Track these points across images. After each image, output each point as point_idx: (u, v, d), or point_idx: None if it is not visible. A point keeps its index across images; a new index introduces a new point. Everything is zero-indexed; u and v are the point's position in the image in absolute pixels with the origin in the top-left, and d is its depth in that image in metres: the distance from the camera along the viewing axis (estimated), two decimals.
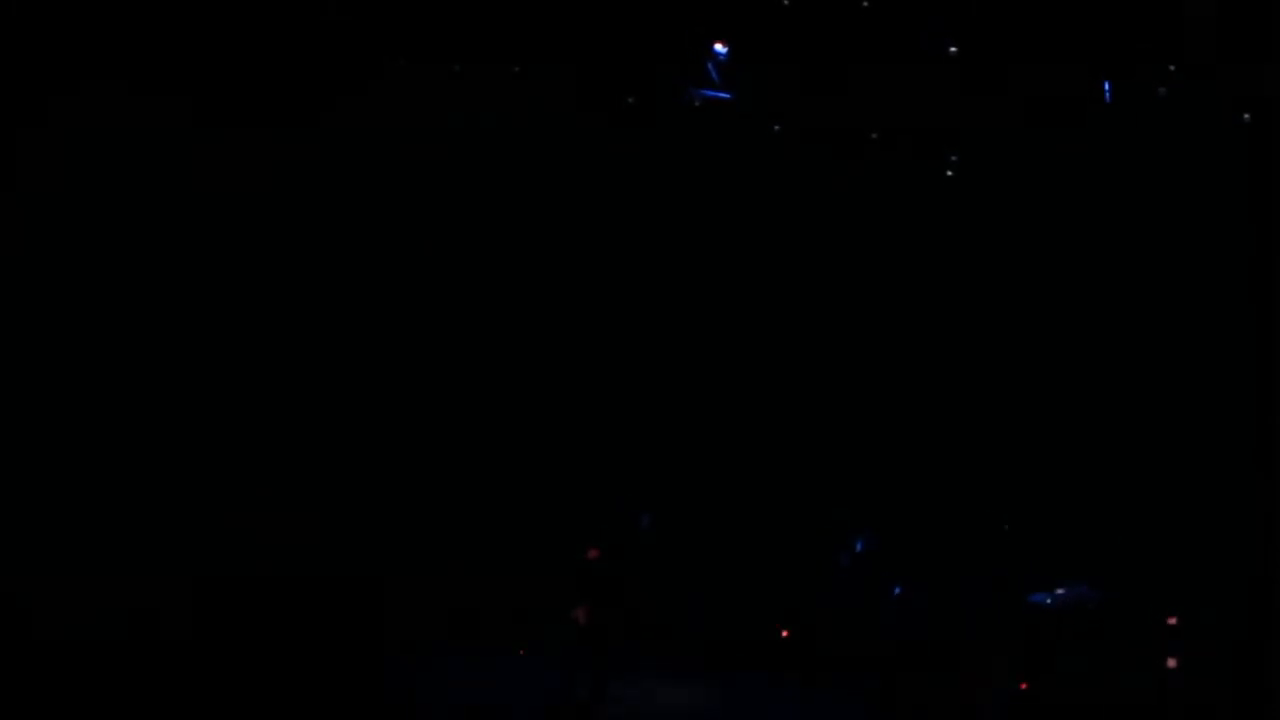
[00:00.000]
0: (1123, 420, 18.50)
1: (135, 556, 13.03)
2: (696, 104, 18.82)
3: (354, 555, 18.32)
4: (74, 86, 17.94)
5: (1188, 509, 17.66)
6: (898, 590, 18.10)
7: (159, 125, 18.39)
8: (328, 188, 19.47)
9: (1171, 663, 16.15)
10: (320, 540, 17.90)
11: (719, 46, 18.64)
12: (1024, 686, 16.18)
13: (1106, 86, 17.63)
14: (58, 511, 14.32)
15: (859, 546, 18.79)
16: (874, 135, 18.66)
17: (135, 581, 13.84)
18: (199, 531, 16.92)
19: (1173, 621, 16.39)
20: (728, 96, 18.88)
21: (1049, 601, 17.00)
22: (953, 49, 17.67)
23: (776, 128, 19.11)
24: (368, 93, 19.09)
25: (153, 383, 18.55)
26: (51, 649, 9.79)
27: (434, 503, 19.49)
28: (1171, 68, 17.26)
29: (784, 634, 18.39)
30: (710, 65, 18.80)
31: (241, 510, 17.82)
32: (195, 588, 14.98)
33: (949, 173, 18.86)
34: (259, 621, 13.54)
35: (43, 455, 16.40)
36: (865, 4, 17.41)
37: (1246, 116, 16.51)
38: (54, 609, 10.73)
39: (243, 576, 15.95)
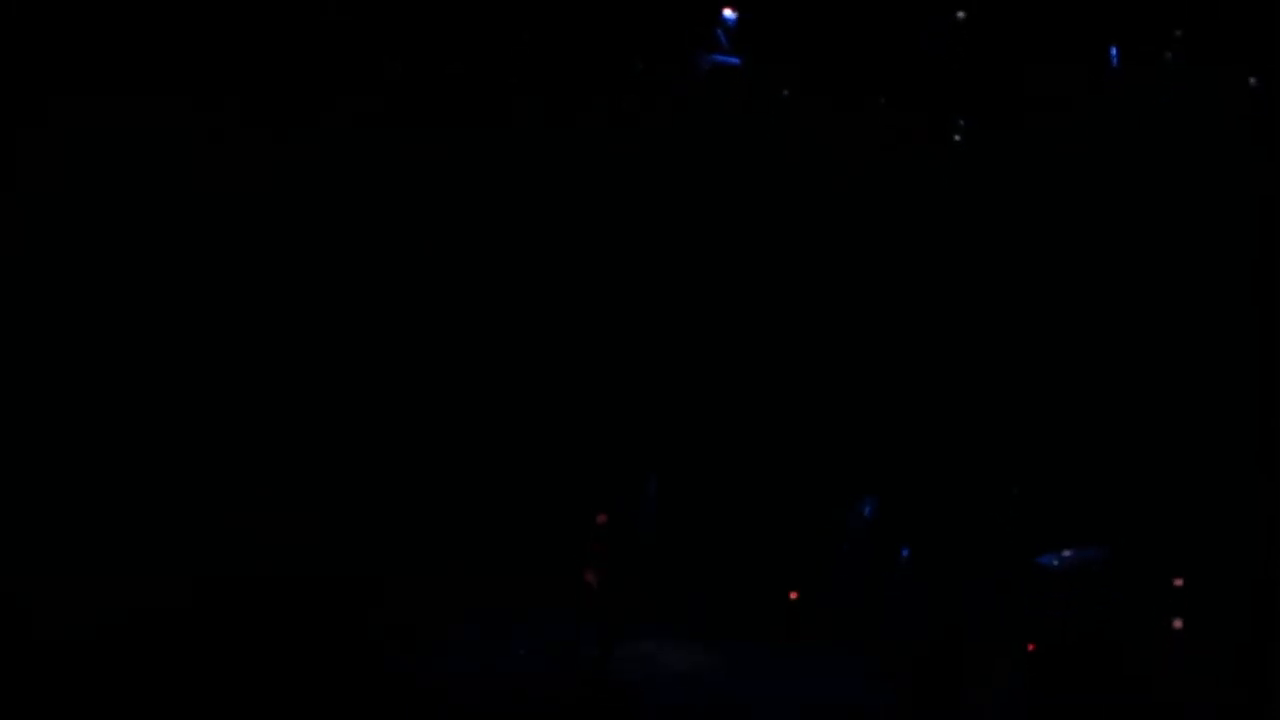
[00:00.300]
0: (1128, 385, 18.54)
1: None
2: (706, 69, 18.83)
3: (366, 527, 18.50)
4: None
5: (1193, 473, 17.72)
6: (905, 552, 18.21)
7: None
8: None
9: (1177, 623, 16.21)
10: (325, 523, 17.94)
11: (728, 12, 18.67)
12: (1031, 648, 16.25)
13: (1113, 52, 17.63)
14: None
15: (867, 511, 18.87)
16: (881, 100, 18.68)
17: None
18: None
19: (1179, 583, 16.45)
20: (737, 62, 18.90)
21: (1056, 564, 17.06)
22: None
23: (785, 93, 19.15)
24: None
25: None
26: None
27: (446, 472, 19.62)
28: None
29: (793, 595, 18.45)
30: (719, 31, 18.83)
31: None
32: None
33: (956, 137, 18.86)
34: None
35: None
36: None
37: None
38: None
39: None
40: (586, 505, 16.75)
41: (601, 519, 16.69)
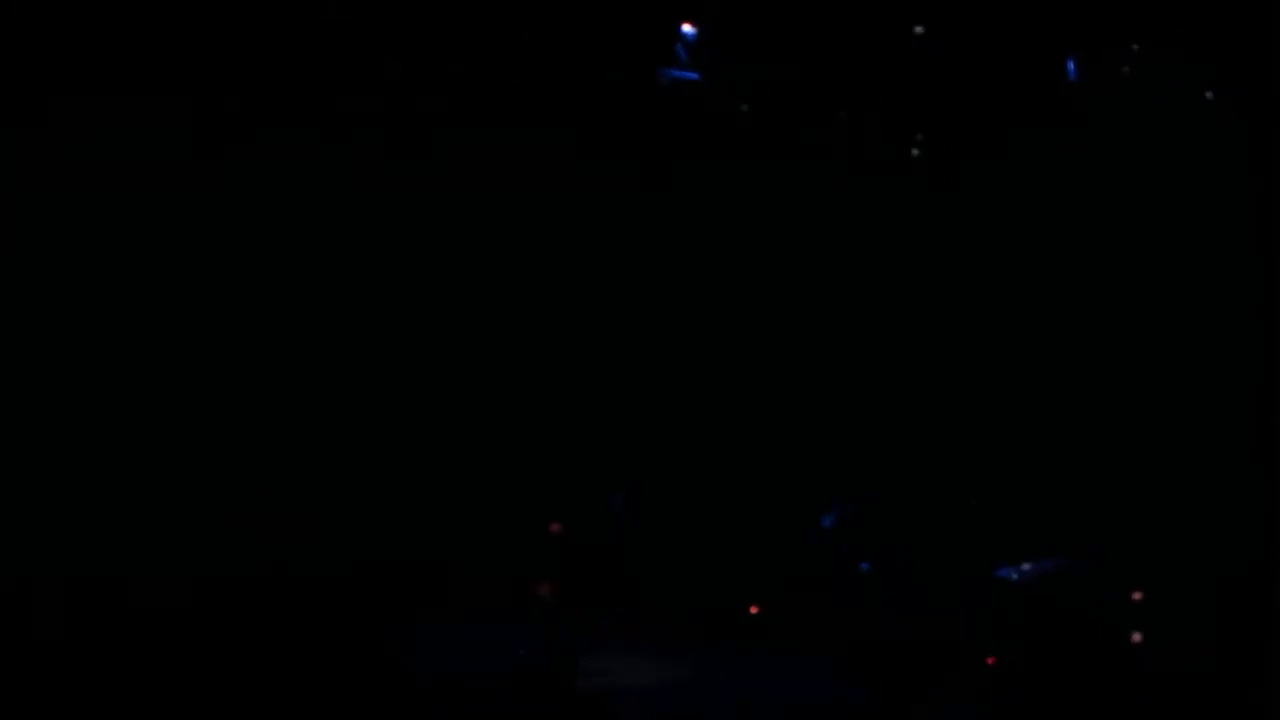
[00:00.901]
0: (1090, 395, 18.56)
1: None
2: (666, 84, 18.84)
3: (356, 526, 18.38)
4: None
5: (1159, 482, 17.72)
6: (865, 566, 18.18)
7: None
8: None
9: (1136, 637, 16.15)
10: (319, 523, 17.81)
11: (687, 28, 18.71)
12: (991, 661, 16.19)
13: (1070, 65, 17.72)
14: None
15: (827, 521, 18.82)
16: (842, 114, 18.70)
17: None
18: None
19: (1138, 596, 16.40)
20: (696, 77, 18.91)
21: (1015, 576, 17.02)
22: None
23: (744, 108, 19.17)
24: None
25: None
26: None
27: (399, 479, 19.52)
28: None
29: (753, 610, 18.38)
30: (679, 47, 18.86)
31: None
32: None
33: (915, 151, 18.89)
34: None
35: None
36: None
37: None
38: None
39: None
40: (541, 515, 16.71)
41: (555, 528, 16.50)
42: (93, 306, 18.36)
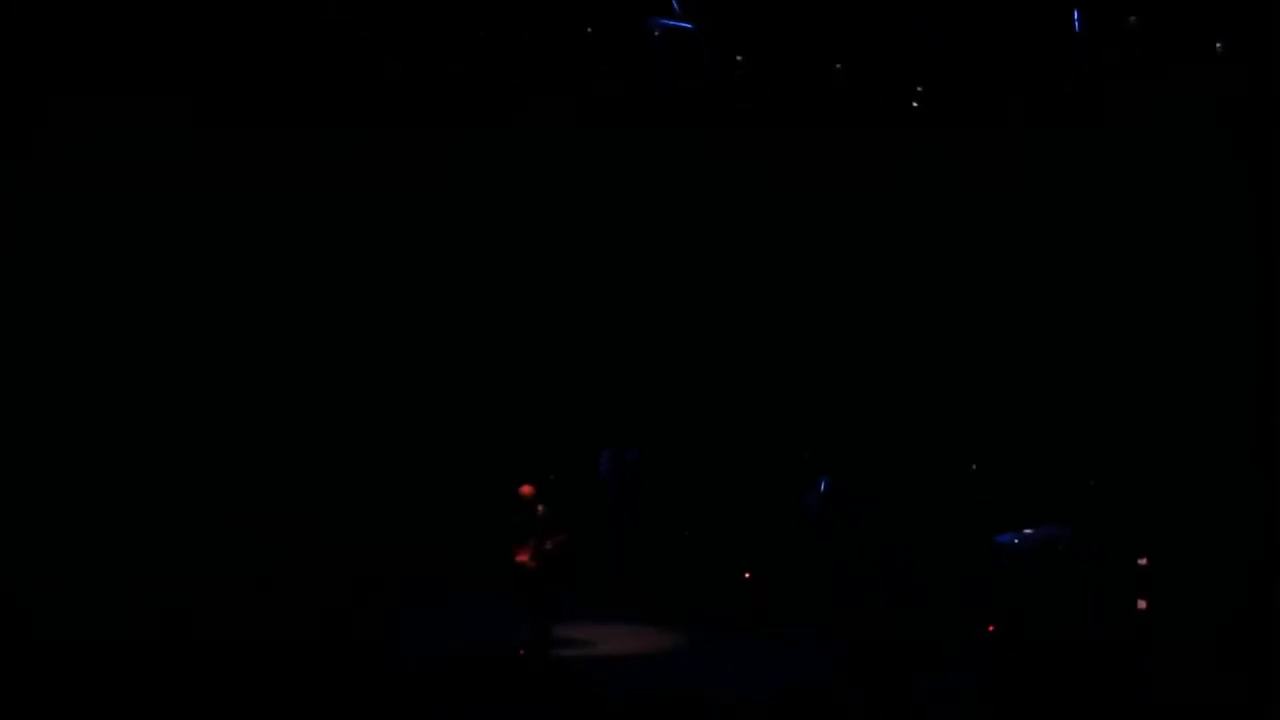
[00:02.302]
0: (1095, 362, 18.16)
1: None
2: (656, 34, 18.44)
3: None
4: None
5: (1161, 449, 17.32)
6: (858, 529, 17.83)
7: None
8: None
9: (1141, 604, 15.76)
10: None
11: None
12: (990, 628, 15.79)
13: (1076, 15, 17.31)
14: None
15: (821, 486, 18.46)
16: (838, 65, 18.25)
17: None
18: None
19: (1143, 562, 16.01)
20: (689, 26, 18.49)
21: (1016, 541, 16.63)
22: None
23: (739, 58, 18.72)
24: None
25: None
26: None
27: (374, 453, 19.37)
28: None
29: (746, 575, 18.05)
30: None
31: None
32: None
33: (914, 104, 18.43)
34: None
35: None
36: None
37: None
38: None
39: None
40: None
41: (527, 490, 15.99)
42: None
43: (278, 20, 18.57)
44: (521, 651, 15.27)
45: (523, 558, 15.82)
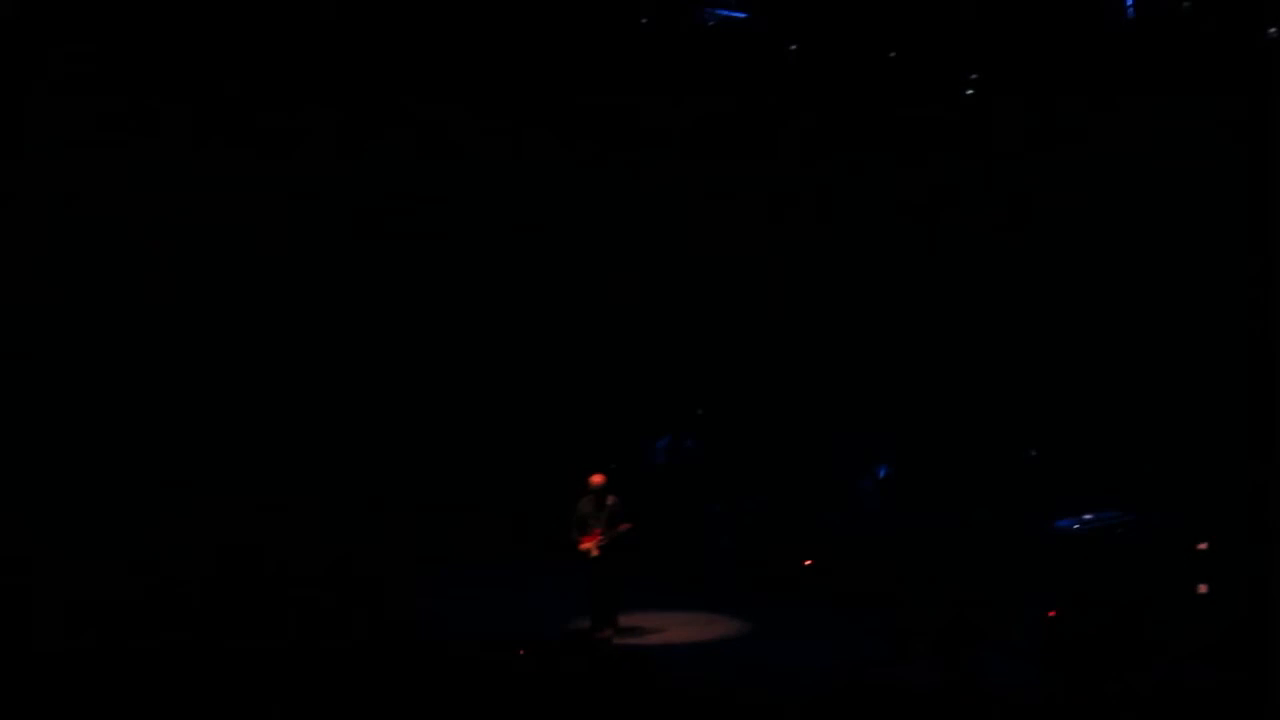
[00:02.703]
0: (1149, 343, 18.06)
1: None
2: (711, 23, 18.46)
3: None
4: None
5: (1216, 431, 17.19)
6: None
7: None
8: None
9: (1202, 588, 15.64)
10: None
11: None
12: (1052, 614, 15.74)
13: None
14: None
15: (881, 473, 18.46)
16: (892, 54, 18.25)
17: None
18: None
19: (1203, 547, 15.88)
20: (743, 16, 18.53)
21: (1076, 527, 16.57)
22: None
23: (793, 47, 18.74)
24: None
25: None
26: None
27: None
28: None
29: (807, 563, 18.06)
30: None
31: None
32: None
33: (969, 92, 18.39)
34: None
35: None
36: None
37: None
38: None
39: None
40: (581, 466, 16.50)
41: (597, 479, 16.18)
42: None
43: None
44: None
45: (587, 544, 16.02)
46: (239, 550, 15.12)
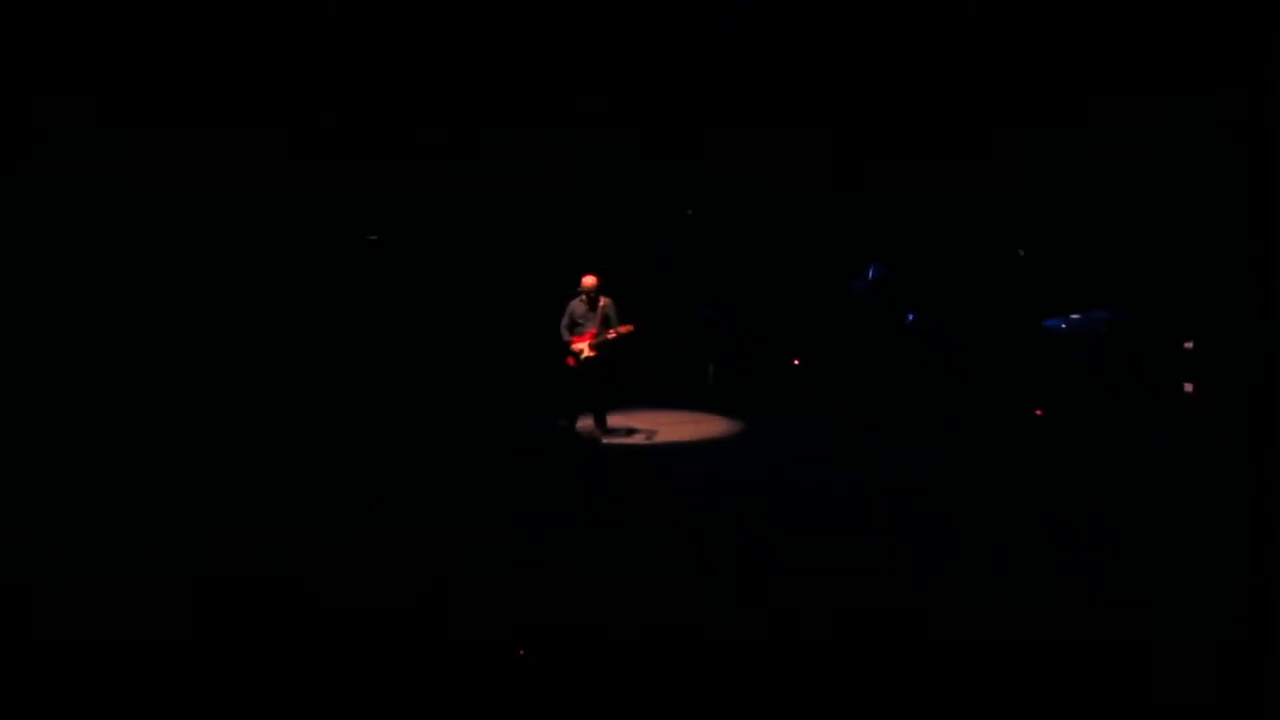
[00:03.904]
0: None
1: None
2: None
3: None
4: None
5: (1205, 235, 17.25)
6: (911, 318, 17.89)
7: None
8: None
9: (1188, 387, 15.88)
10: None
11: None
12: (1039, 413, 16.01)
13: None
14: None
15: (872, 273, 18.51)
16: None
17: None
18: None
19: (1189, 346, 16.08)
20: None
21: (1063, 327, 16.76)
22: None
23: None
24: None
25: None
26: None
27: None
28: None
29: (795, 362, 18.24)
30: None
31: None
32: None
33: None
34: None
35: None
36: None
37: None
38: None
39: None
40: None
41: (589, 280, 16.30)
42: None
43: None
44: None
45: (580, 343, 16.20)
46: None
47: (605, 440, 16.05)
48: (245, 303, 18.82)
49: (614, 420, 16.62)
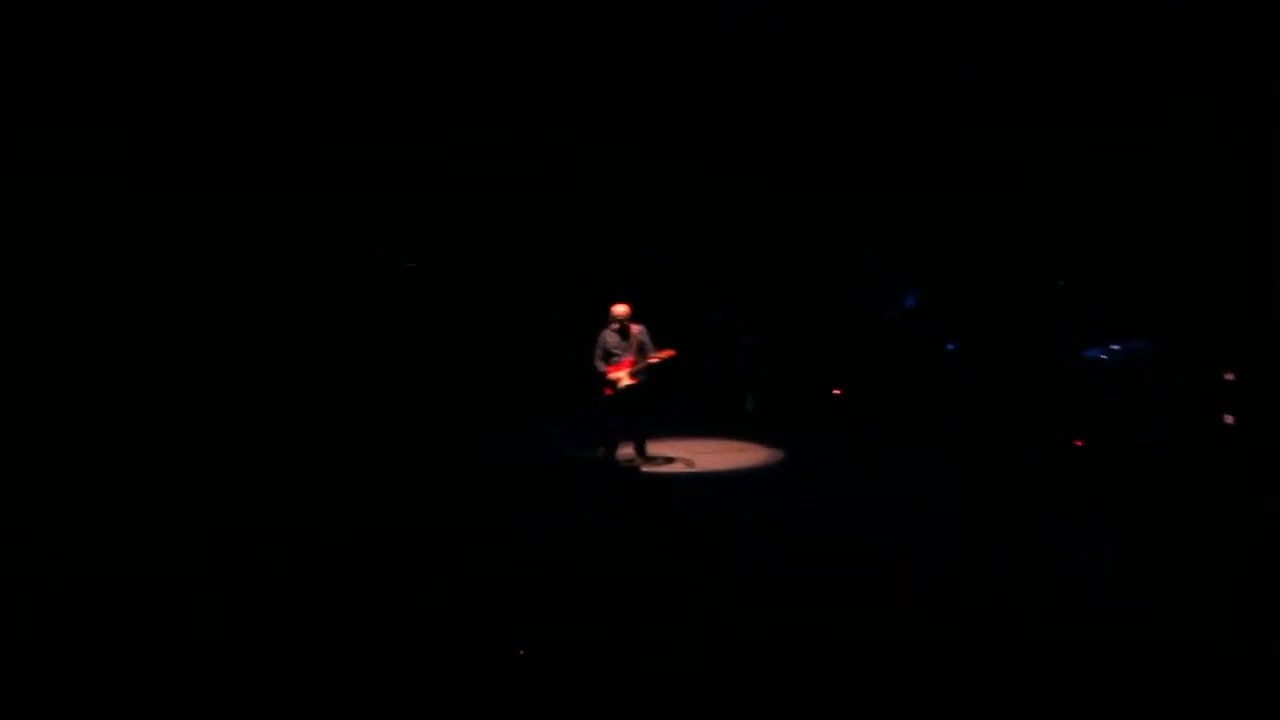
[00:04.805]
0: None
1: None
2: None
3: None
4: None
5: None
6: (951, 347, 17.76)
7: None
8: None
9: (1228, 418, 15.57)
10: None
11: None
12: (1079, 444, 15.76)
13: None
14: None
15: (908, 303, 18.41)
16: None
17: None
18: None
19: (1229, 376, 15.78)
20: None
21: (1104, 357, 16.59)
22: None
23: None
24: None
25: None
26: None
27: None
28: None
29: (836, 392, 18.06)
30: None
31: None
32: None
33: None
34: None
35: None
36: None
37: None
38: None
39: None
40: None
41: (620, 310, 16.17)
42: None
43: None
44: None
45: (616, 372, 16.03)
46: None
47: (644, 469, 15.85)
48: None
49: (653, 448, 16.27)
